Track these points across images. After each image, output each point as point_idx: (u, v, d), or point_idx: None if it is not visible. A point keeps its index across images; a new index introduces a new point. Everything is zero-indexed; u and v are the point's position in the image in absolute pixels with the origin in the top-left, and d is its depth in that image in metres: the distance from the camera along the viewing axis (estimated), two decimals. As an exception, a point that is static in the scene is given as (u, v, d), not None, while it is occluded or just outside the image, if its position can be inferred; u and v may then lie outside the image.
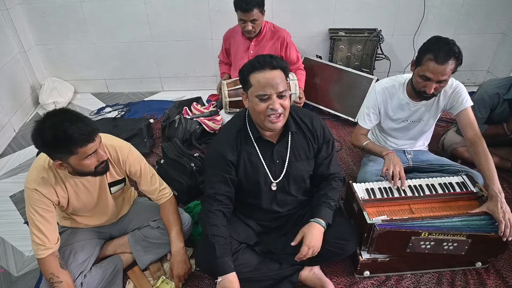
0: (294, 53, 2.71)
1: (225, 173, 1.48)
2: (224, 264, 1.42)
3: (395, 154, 1.81)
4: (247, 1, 2.35)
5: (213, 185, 1.49)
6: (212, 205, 1.48)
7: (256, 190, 1.56)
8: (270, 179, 1.55)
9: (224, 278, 1.41)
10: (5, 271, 1.85)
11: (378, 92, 1.92)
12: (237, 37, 2.68)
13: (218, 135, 1.58)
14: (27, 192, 1.43)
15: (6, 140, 2.81)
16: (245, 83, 1.39)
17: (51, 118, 1.27)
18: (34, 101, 3.25)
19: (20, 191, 2.33)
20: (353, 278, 1.73)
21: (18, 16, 2.95)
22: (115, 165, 1.59)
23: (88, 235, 1.71)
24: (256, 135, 1.48)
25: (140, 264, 1.75)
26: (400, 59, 3.21)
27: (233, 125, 1.53)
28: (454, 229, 1.55)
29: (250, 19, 2.43)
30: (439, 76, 1.64)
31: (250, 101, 1.40)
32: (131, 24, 3.08)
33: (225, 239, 1.46)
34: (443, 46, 1.61)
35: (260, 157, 1.51)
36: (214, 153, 1.50)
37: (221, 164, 1.48)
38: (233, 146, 1.48)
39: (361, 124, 2.00)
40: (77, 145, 1.28)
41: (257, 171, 1.52)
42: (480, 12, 3.00)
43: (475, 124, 1.80)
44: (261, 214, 1.65)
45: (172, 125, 2.59)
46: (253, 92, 1.36)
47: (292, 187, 1.59)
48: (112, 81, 3.43)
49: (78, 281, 1.56)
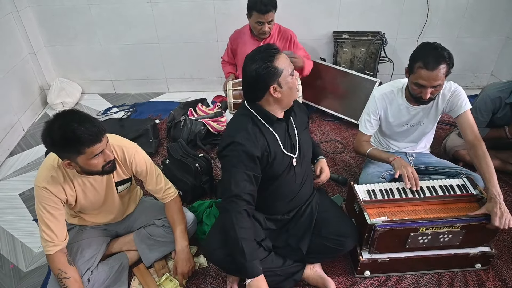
0: (301, 50, 2.80)
1: (250, 171, 1.47)
2: (253, 267, 1.45)
3: (401, 158, 1.83)
4: (265, 3, 2.40)
5: (237, 184, 1.45)
6: (239, 205, 1.47)
7: (280, 173, 1.58)
8: (291, 155, 1.59)
9: (253, 281, 1.45)
10: (15, 266, 1.90)
11: (377, 98, 1.94)
12: (245, 38, 2.73)
13: (232, 135, 1.50)
14: (37, 190, 1.48)
15: (16, 139, 2.87)
16: (274, 74, 1.42)
17: (60, 119, 1.32)
18: (43, 101, 3.31)
19: (29, 189, 2.38)
20: (354, 277, 1.75)
21: (28, 18, 3.02)
22: (121, 165, 1.63)
23: (95, 233, 1.76)
24: (273, 119, 1.52)
25: (145, 261, 1.79)
26: (404, 62, 3.14)
27: (243, 123, 1.51)
28: (449, 221, 1.59)
29: (268, 20, 2.49)
30: (432, 82, 1.66)
31: (284, 85, 1.45)
32: (137, 26, 3.13)
33: (253, 242, 1.50)
34: (430, 52, 1.64)
35: (279, 141, 1.55)
36: (237, 153, 1.46)
37: (246, 162, 1.46)
38: (254, 141, 1.47)
39: (362, 131, 2.01)
40: (85, 145, 1.33)
41: (282, 154, 1.56)
42: (484, 15, 3.01)
43: (474, 126, 1.81)
44: (281, 203, 1.66)
45: (177, 126, 2.63)
46: (286, 74, 1.45)
47: (306, 156, 1.68)
48: (118, 82, 3.48)
49: (85, 277, 1.60)
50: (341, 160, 2.55)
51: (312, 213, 1.68)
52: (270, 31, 2.60)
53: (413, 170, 1.76)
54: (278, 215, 1.69)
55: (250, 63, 1.43)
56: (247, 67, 1.44)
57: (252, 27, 2.60)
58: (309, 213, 1.69)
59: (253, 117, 1.52)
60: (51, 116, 1.34)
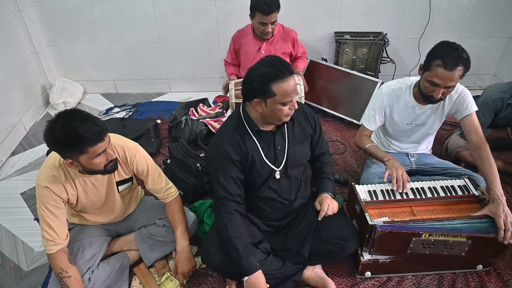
0: (301, 48, 2.85)
1: (232, 173, 1.50)
2: (250, 264, 1.47)
3: (396, 160, 1.82)
4: (268, 4, 2.40)
5: (224, 187, 1.50)
6: (229, 206, 1.50)
7: (261, 182, 1.59)
8: (273, 167, 1.58)
9: (251, 277, 1.47)
10: (16, 265, 1.91)
11: (384, 94, 1.93)
12: (248, 38, 2.73)
13: (216, 137, 1.60)
14: (38, 190, 1.48)
15: (18, 138, 2.88)
16: (264, 92, 1.38)
17: (62, 118, 1.32)
18: (45, 101, 3.32)
19: (30, 188, 2.39)
20: (355, 278, 1.75)
21: (30, 18, 3.03)
22: (123, 164, 1.64)
23: (96, 232, 1.76)
24: (255, 129, 1.52)
25: (146, 261, 1.79)
26: (406, 62, 3.22)
27: (229, 125, 1.56)
28: (455, 230, 1.57)
29: (271, 21, 2.50)
30: (447, 82, 1.64)
31: (269, 107, 1.42)
32: (139, 26, 3.14)
33: (247, 239, 1.51)
34: (452, 52, 1.62)
35: (260, 150, 1.54)
36: (218, 156, 1.51)
37: (227, 165, 1.50)
38: (234, 145, 1.50)
39: (365, 125, 2.00)
40: (87, 144, 1.33)
41: (261, 163, 1.55)
42: (486, 16, 3.00)
43: (479, 129, 1.81)
44: (271, 210, 1.67)
45: (179, 126, 2.63)
46: (278, 100, 1.39)
47: (293, 171, 1.63)
48: (120, 82, 3.49)
49: (86, 276, 1.60)
50: (342, 160, 2.55)
51: (312, 217, 1.66)
52: (273, 32, 2.61)
53: (404, 172, 1.75)
54: (272, 221, 1.70)
55: (258, 65, 1.41)
56: (253, 68, 1.43)
57: (255, 27, 2.61)
58: (309, 217, 1.67)
59: (239, 121, 1.54)
60: (53, 116, 1.35)
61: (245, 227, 1.54)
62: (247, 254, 1.47)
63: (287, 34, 2.73)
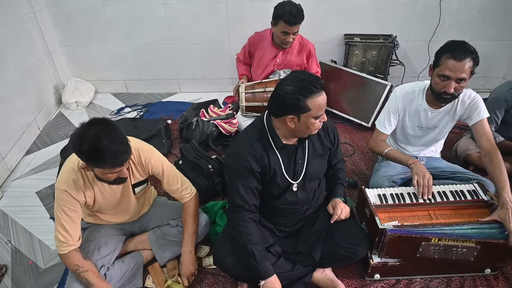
0: (314, 65, 2.77)
1: (251, 183, 1.52)
2: (265, 268, 1.51)
3: (420, 162, 1.82)
4: (294, 15, 2.36)
5: (242, 197, 1.52)
6: (244, 215, 1.53)
7: (279, 194, 1.62)
8: (291, 181, 1.60)
9: (267, 281, 1.51)
10: (33, 263, 1.96)
11: (398, 96, 1.94)
12: (265, 43, 2.68)
13: (237, 145, 1.59)
14: (57, 192, 1.53)
15: (32, 137, 2.94)
16: (298, 108, 1.38)
17: (95, 128, 1.34)
18: (57, 101, 3.38)
19: (45, 187, 2.44)
20: (364, 280, 1.78)
21: (44, 19, 3.08)
22: (138, 167, 1.68)
23: (111, 231, 1.80)
24: (280, 145, 1.53)
25: (159, 260, 1.83)
26: (415, 65, 3.22)
27: (252, 136, 1.55)
28: (464, 236, 1.60)
29: (294, 31, 2.46)
30: (458, 74, 1.66)
31: (303, 122, 1.42)
32: (150, 27, 3.17)
33: (262, 246, 1.55)
34: (459, 45, 1.68)
35: (281, 164, 1.56)
36: (239, 165, 1.51)
37: (247, 175, 1.51)
38: (257, 157, 1.50)
39: (380, 130, 2.00)
40: (106, 165, 1.38)
41: (281, 177, 1.57)
42: (497, 19, 3.00)
43: (490, 135, 1.83)
44: (284, 218, 1.71)
45: (190, 127, 2.67)
46: (312, 114, 1.40)
47: (310, 184, 1.66)
48: (131, 81, 3.53)
49: (102, 272, 1.65)
50: (352, 162, 2.57)
51: (324, 221, 1.70)
52: (293, 42, 2.56)
53: (430, 177, 1.75)
54: (284, 227, 1.74)
55: (288, 81, 1.40)
56: (283, 82, 1.42)
57: (276, 35, 2.54)
58: (321, 221, 1.71)
59: (263, 133, 1.54)
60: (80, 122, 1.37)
61: (258, 232, 1.58)
62: (262, 259, 1.51)
63: (303, 46, 2.67)
